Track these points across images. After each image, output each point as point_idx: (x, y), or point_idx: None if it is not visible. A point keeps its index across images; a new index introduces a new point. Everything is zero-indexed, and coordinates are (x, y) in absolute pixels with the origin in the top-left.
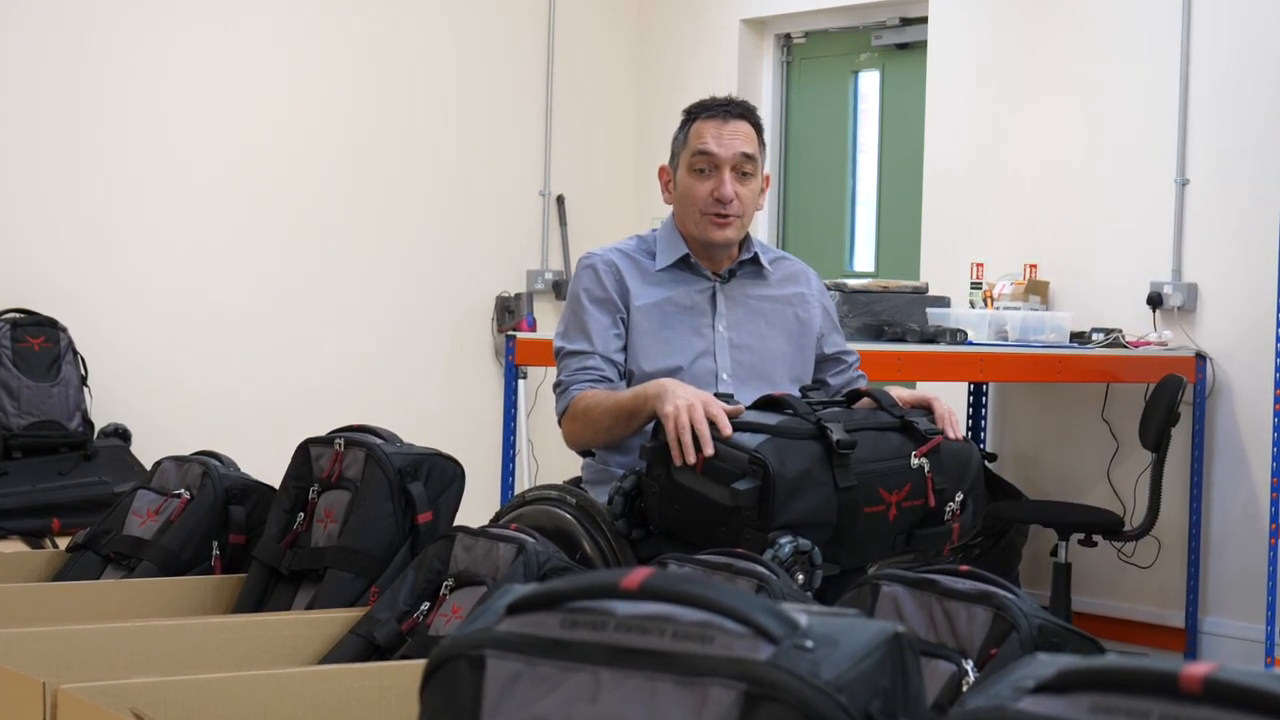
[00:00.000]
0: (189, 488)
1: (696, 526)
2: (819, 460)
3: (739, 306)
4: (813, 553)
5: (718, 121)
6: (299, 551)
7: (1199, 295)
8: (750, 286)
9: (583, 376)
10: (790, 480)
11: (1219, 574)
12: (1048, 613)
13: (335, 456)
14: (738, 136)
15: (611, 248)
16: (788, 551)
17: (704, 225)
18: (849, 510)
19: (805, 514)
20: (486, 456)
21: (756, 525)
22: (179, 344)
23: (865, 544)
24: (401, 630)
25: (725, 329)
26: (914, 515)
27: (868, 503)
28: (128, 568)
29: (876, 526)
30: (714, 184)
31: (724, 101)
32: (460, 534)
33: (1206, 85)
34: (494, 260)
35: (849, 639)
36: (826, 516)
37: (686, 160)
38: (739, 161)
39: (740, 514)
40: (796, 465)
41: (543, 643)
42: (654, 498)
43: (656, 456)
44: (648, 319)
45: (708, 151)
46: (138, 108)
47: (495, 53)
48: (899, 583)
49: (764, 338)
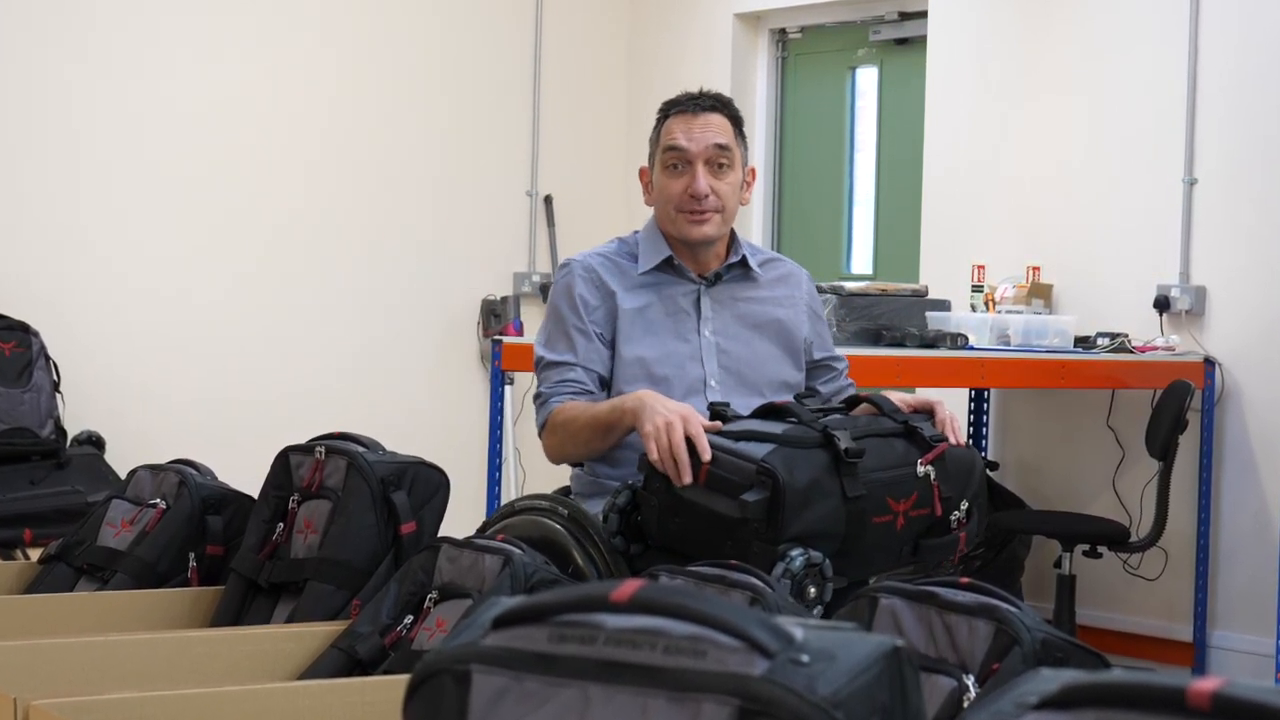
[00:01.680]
0: (165, 497)
1: (700, 540)
2: (827, 469)
3: (726, 310)
4: (824, 565)
5: (687, 116)
6: (278, 563)
7: (1207, 298)
8: (738, 290)
9: (563, 389)
10: (800, 490)
11: (1228, 586)
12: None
13: (316, 465)
14: (709, 129)
15: (591, 252)
16: (800, 565)
17: (680, 223)
18: (857, 521)
19: (814, 525)
20: (472, 465)
21: (766, 538)
22: (155, 349)
23: (872, 555)
24: (384, 644)
25: (711, 334)
26: (920, 525)
27: (876, 513)
28: (102, 580)
29: (884, 537)
30: (687, 180)
31: (694, 95)
32: (445, 545)
33: (1215, 79)
34: (479, 263)
35: (846, 653)
36: (835, 527)
37: (659, 158)
38: (712, 154)
39: (748, 526)
40: (805, 475)
41: (530, 657)
42: (653, 511)
43: (655, 468)
44: (632, 324)
45: (677, 146)
46: (111, 105)
47: (481, 47)
48: (898, 595)
49: (751, 343)
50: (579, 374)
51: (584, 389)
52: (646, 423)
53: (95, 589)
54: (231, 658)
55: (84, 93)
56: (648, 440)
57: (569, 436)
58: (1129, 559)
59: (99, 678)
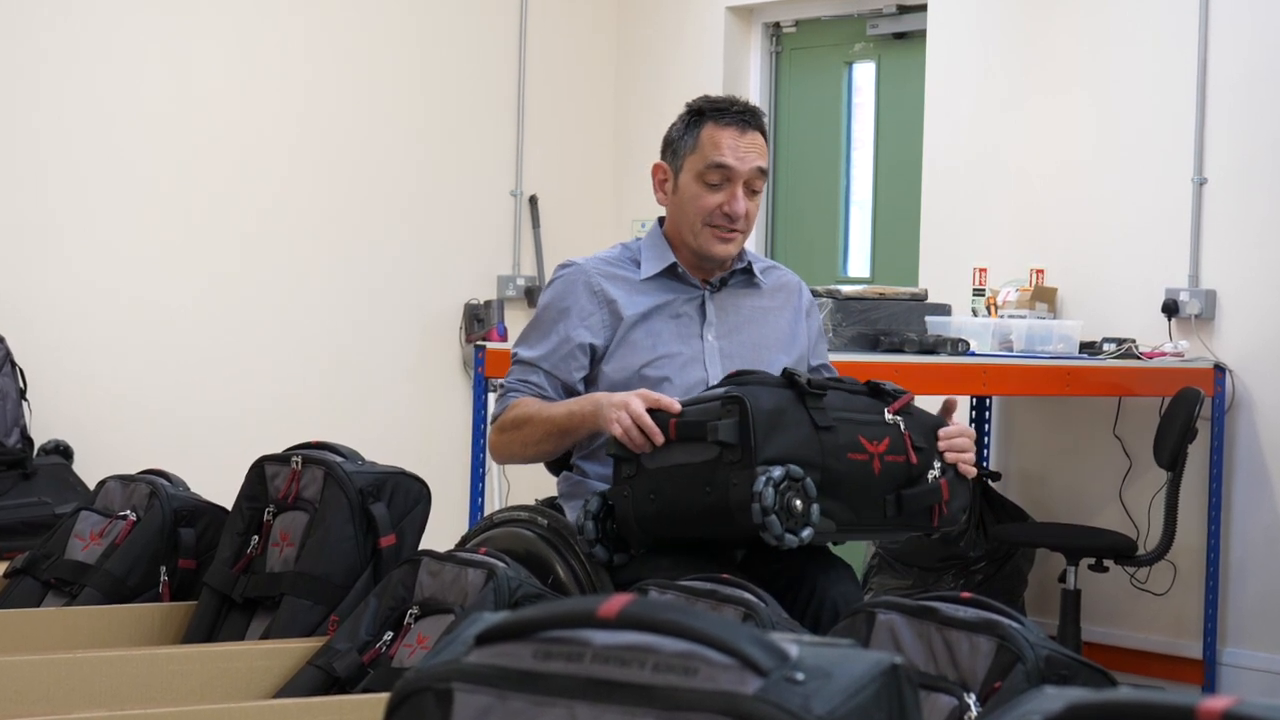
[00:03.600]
0: (135, 509)
1: (679, 509)
2: (792, 402)
3: (730, 315)
4: (805, 482)
5: (735, 131)
6: (253, 577)
7: (1218, 303)
8: (742, 296)
9: (523, 388)
10: (767, 412)
11: (1239, 602)
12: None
13: (292, 475)
14: (754, 150)
15: (595, 258)
16: (780, 474)
17: (706, 238)
18: (833, 453)
19: (788, 449)
20: (454, 476)
21: (742, 463)
22: (125, 355)
23: (853, 497)
24: (363, 662)
25: (715, 338)
26: (898, 473)
27: (851, 449)
28: (69, 594)
29: (863, 477)
30: (725, 198)
31: (741, 108)
32: (426, 558)
33: (1227, 75)
34: (462, 265)
35: (843, 671)
36: (810, 455)
37: (697, 167)
38: (752, 176)
39: (723, 461)
40: (770, 402)
41: (514, 675)
42: (626, 503)
43: (623, 455)
44: (633, 329)
45: (725, 165)
46: (79, 102)
47: (463, 40)
48: (896, 610)
49: (757, 347)
50: (541, 379)
51: (543, 395)
52: (612, 424)
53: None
54: (204, 676)
55: (51, 90)
56: (616, 432)
57: (519, 438)
58: (1136, 573)
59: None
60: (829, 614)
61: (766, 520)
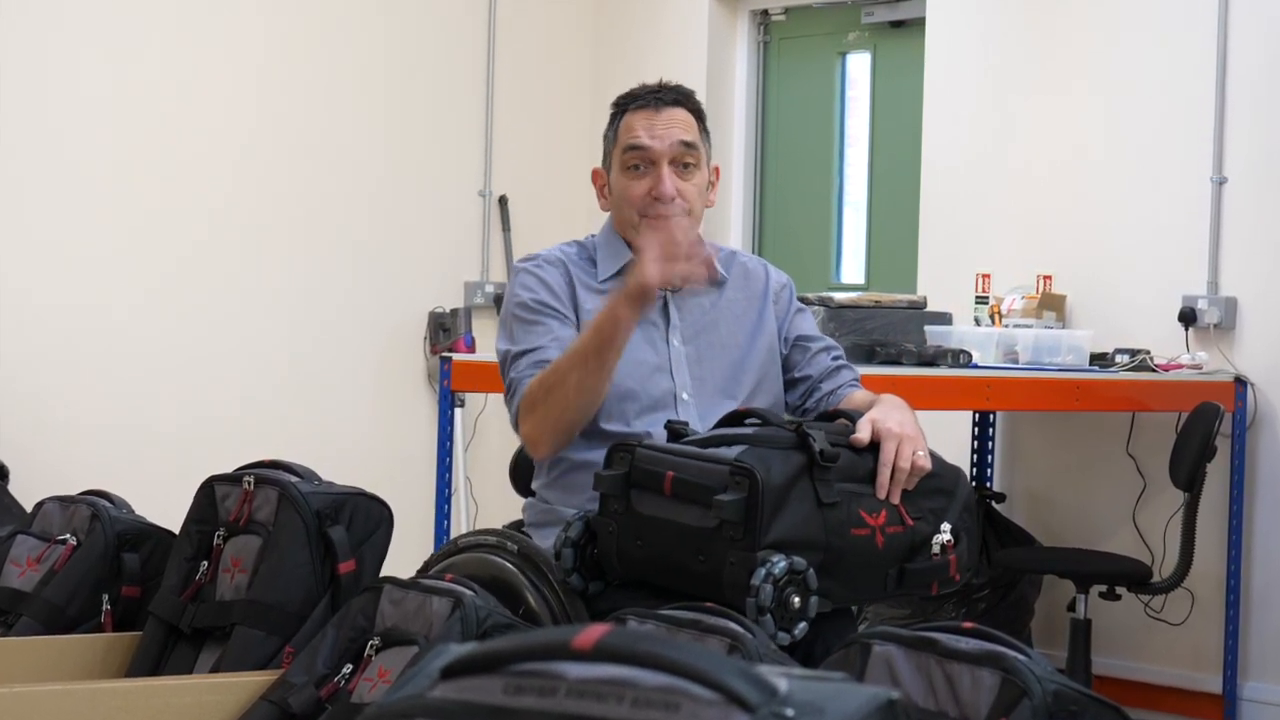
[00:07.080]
0: (75, 532)
1: (667, 564)
2: (802, 470)
3: (695, 315)
4: (808, 574)
5: (649, 111)
6: (202, 606)
7: (1238, 311)
8: (705, 293)
9: (536, 370)
10: (777, 490)
11: (1261, 633)
12: (1064, 676)
13: (244, 497)
14: (674, 125)
15: (558, 250)
16: (782, 569)
17: (644, 229)
18: (837, 531)
19: (793, 532)
20: (418, 497)
21: (743, 545)
22: (64, 367)
23: (856, 575)
24: (320, 697)
25: (681, 343)
26: (901, 545)
27: (854, 524)
28: (5, 624)
29: (867, 554)
30: (651, 181)
31: (654, 88)
32: (388, 586)
33: (1248, 66)
34: (427, 271)
35: (835, 707)
36: (815, 536)
37: (618, 158)
38: (678, 153)
39: (722, 534)
40: (782, 474)
41: (483, 710)
42: (611, 538)
43: (614, 487)
44: None
45: (640, 145)
46: (12, 96)
47: (428, 31)
48: (893, 642)
49: (726, 348)
50: (554, 352)
51: None
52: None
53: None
54: (149, 711)
55: None
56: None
57: (556, 398)
58: (1151, 601)
59: None
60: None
61: (761, 620)
